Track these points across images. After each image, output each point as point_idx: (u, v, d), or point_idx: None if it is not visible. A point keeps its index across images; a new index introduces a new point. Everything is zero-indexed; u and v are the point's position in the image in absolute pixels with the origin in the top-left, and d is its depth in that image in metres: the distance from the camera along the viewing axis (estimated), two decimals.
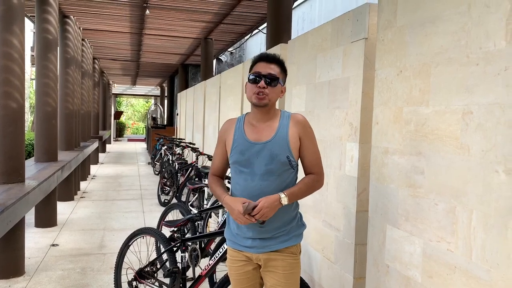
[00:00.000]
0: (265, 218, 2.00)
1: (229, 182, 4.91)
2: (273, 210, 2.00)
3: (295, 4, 10.65)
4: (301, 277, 2.46)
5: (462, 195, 1.82)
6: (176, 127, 14.45)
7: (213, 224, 5.26)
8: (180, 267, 3.05)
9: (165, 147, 10.52)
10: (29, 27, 18.27)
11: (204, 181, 5.56)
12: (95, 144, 12.17)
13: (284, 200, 2.02)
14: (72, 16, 8.89)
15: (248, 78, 2.13)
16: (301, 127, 2.11)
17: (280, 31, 6.14)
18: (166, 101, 23.15)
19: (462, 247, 1.82)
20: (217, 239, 3.86)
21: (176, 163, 8.12)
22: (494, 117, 1.67)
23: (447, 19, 1.92)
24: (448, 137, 1.91)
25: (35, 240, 5.47)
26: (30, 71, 23.02)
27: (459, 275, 1.83)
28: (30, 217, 6.32)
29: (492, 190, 1.68)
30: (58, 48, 7.18)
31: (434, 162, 1.99)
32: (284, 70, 2.19)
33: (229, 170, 2.35)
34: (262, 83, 2.07)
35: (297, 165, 2.16)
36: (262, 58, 2.17)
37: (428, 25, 2.04)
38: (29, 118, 23.26)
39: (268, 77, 2.09)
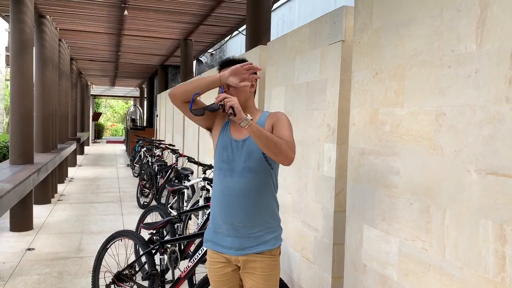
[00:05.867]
0: (227, 101, 1.88)
1: (210, 185, 4.90)
2: (237, 105, 1.90)
3: (275, 6, 10.69)
4: (280, 278, 2.48)
5: (436, 195, 1.86)
6: (156, 129, 14.33)
7: (192, 226, 5.24)
8: (159, 270, 3.03)
9: (145, 148, 10.42)
10: (4, 26, 17.89)
11: (184, 183, 5.53)
12: (73, 146, 11.97)
13: (249, 116, 1.91)
14: (48, 16, 8.73)
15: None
16: (275, 118, 2.14)
17: (259, 33, 6.15)
18: (145, 103, 22.93)
19: (436, 246, 1.86)
20: (197, 241, 3.85)
21: (156, 165, 8.05)
22: (466, 118, 1.71)
23: (420, 23, 1.97)
24: (422, 138, 1.95)
25: (10, 244, 5.35)
26: (5, 72, 22.52)
27: (433, 273, 1.87)
28: (4, 221, 6.18)
29: (464, 189, 1.72)
30: (34, 48, 7.04)
31: (409, 163, 2.03)
32: None
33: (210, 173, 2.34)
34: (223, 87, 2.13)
35: (276, 162, 2.17)
36: (222, 65, 2.22)
37: (403, 28, 2.08)
38: (4, 119, 22.75)
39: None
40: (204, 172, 5.22)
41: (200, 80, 2.12)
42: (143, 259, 3.19)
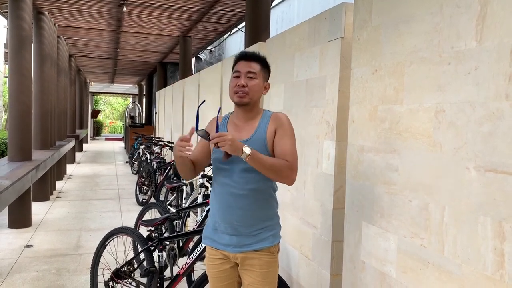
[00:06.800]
0: (221, 145, 1.85)
1: (209, 182, 4.89)
2: (232, 147, 1.88)
3: (274, 3, 10.67)
4: (279, 275, 2.48)
5: (435, 192, 1.86)
6: (155, 126, 14.32)
7: (191, 224, 5.24)
8: (158, 267, 3.02)
9: (143, 146, 10.40)
10: (2, 23, 17.81)
11: (183, 180, 5.53)
12: (72, 143, 11.95)
13: (247, 150, 1.89)
14: (47, 13, 8.70)
15: (231, 77, 2.17)
16: (279, 122, 2.12)
17: (258, 30, 6.14)
18: (144, 100, 22.90)
19: (434, 243, 1.86)
20: (195, 238, 3.85)
21: (154, 162, 8.04)
22: (465, 115, 1.71)
23: (420, 19, 1.96)
24: (421, 134, 1.94)
25: (8, 241, 5.34)
26: (3, 69, 22.46)
27: (432, 270, 1.87)
28: (3, 218, 6.18)
29: (463, 186, 1.72)
30: (32, 45, 7.02)
31: (408, 160, 2.03)
32: (265, 66, 2.19)
33: (209, 170, 2.34)
34: (241, 82, 2.09)
35: None
36: (242, 57, 2.17)
37: (402, 25, 2.08)
38: (2, 116, 22.69)
39: (247, 76, 2.10)
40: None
41: (176, 162, 2.16)
42: (142, 256, 3.19)
